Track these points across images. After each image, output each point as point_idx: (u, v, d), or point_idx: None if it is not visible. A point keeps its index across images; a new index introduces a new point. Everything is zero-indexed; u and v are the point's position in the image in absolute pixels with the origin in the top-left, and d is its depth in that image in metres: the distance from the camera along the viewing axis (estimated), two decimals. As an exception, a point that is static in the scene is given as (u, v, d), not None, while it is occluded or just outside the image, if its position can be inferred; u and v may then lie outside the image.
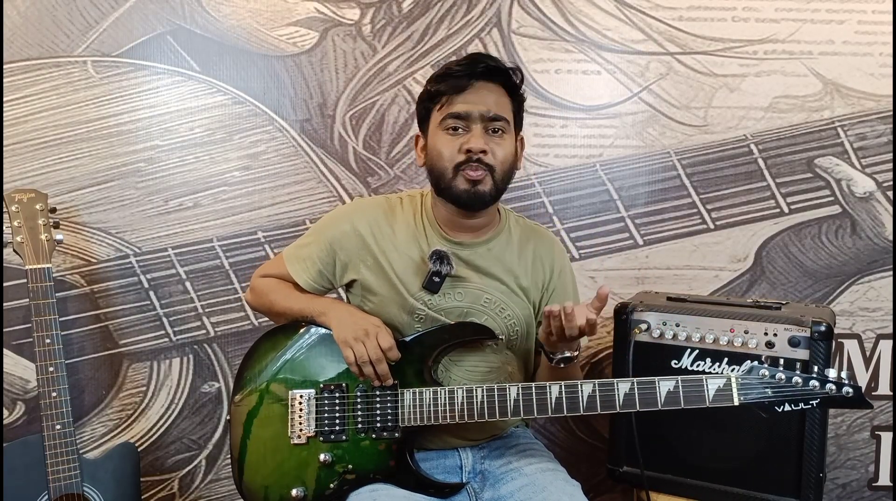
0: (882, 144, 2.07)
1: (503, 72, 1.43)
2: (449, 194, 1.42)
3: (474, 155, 1.38)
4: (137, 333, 2.10)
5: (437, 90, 1.42)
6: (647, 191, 2.10)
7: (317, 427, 1.40)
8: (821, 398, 1.25)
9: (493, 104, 1.40)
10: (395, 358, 1.37)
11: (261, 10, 2.04)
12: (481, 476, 1.49)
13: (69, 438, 1.74)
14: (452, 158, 1.40)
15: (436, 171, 1.43)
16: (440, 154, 1.41)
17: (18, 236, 1.78)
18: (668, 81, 2.07)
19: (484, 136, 1.39)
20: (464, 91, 1.40)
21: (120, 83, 2.03)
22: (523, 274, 1.51)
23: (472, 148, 1.38)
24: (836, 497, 2.17)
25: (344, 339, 1.38)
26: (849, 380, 1.25)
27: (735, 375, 1.28)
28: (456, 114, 1.40)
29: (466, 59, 1.44)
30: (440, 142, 1.42)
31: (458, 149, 1.39)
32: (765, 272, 2.12)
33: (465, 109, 1.39)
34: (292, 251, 1.55)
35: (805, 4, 2.04)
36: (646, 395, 1.30)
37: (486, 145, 1.38)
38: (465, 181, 1.39)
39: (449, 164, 1.40)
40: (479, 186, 1.39)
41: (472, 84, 1.40)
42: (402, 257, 1.46)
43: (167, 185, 2.07)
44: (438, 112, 1.42)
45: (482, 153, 1.38)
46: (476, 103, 1.39)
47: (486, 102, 1.40)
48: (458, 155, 1.39)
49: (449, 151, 1.40)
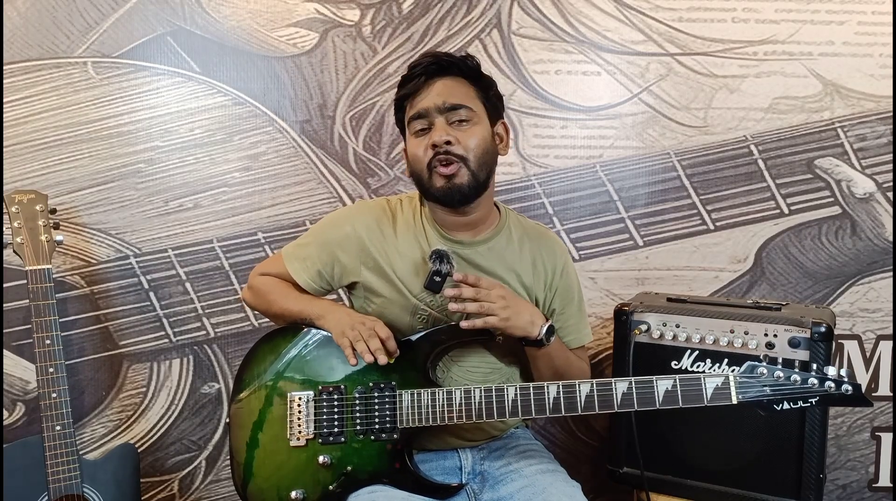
0: (882, 145, 2.07)
1: (455, 63, 1.44)
2: (430, 194, 1.43)
3: (441, 148, 1.38)
4: (137, 334, 2.10)
5: (399, 97, 1.46)
6: (647, 192, 2.10)
7: (315, 429, 1.40)
8: (820, 396, 1.24)
9: (447, 95, 1.41)
10: (392, 349, 1.37)
11: (261, 11, 2.04)
12: (481, 476, 1.49)
13: (69, 439, 1.74)
14: (423, 157, 1.41)
15: (415, 175, 1.44)
16: (414, 157, 1.43)
17: (18, 236, 1.78)
18: (668, 81, 2.07)
19: (446, 127, 1.39)
20: (421, 91, 1.42)
21: (120, 84, 2.04)
22: (525, 273, 1.51)
23: (436, 141, 1.38)
24: (837, 497, 2.17)
25: (341, 331, 1.38)
26: (848, 378, 1.24)
27: (733, 373, 1.28)
28: (416, 114, 1.41)
29: (419, 60, 1.45)
30: (411, 145, 1.44)
31: (426, 147, 1.40)
32: (765, 273, 2.12)
33: (423, 106, 1.41)
34: (292, 250, 1.55)
35: (805, 5, 2.05)
36: (644, 394, 1.30)
37: (449, 136, 1.38)
38: (440, 178, 1.39)
39: (422, 165, 1.41)
40: (455, 179, 1.39)
41: (428, 82, 1.42)
42: (403, 259, 1.46)
43: (167, 186, 2.07)
44: (407, 117, 1.45)
45: (448, 145, 1.38)
46: (432, 98, 1.40)
47: (441, 94, 1.41)
48: (427, 153, 1.40)
49: (420, 152, 1.41)
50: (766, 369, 1.26)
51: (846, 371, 1.26)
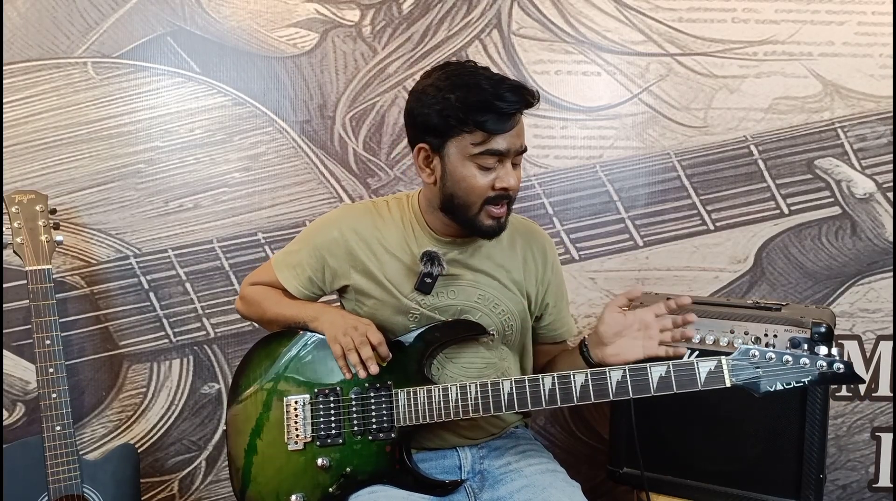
0: (882, 146, 2.07)
1: (533, 104, 1.36)
2: (471, 226, 1.39)
3: (507, 192, 1.36)
4: (137, 334, 2.10)
5: (477, 121, 1.30)
6: (647, 192, 2.10)
7: (313, 432, 1.40)
8: (812, 376, 1.25)
9: (522, 137, 1.37)
10: (385, 354, 1.37)
11: (261, 12, 2.05)
12: (480, 476, 1.49)
13: (69, 439, 1.74)
14: (483, 193, 1.35)
15: (457, 200, 1.37)
16: (470, 188, 1.35)
17: (18, 237, 1.78)
18: (668, 82, 2.07)
19: (514, 171, 1.37)
20: (508, 131, 1.32)
21: (120, 84, 2.04)
22: (515, 268, 1.51)
23: (510, 187, 1.35)
24: (837, 498, 2.17)
25: (333, 335, 1.38)
26: (839, 356, 1.25)
27: (725, 357, 1.28)
28: (494, 150, 1.33)
29: (511, 95, 1.31)
30: (470, 174, 1.35)
31: (490, 185, 1.35)
32: (765, 273, 2.12)
33: (504, 147, 1.33)
34: (281, 258, 1.54)
35: (805, 6, 2.05)
36: (638, 381, 1.29)
37: (518, 182, 1.37)
38: (490, 218, 1.38)
39: (478, 198, 1.36)
40: (503, 220, 1.39)
41: (513, 120, 1.34)
42: (392, 260, 1.46)
43: (167, 186, 2.07)
44: (472, 142, 1.32)
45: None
46: (514, 140, 1.34)
47: (521, 137, 1.37)
48: (490, 191, 1.36)
49: (482, 187, 1.35)
50: (758, 351, 1.27)
51: (837, 350, 1.27)
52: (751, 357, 1.27)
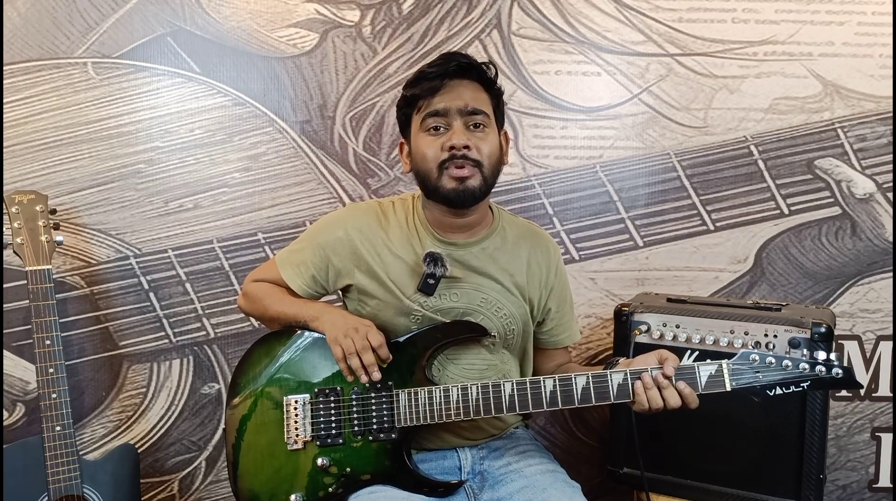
0: (882, 146, 2.07)
1: (476, 67, 1.43)
2: (437, 194, 1.41)
3: (458, 151, 1.37)
4: (137, 334, 2.10)
5: (413, 94, 1.42)
6: (647, 192, 2.10)
7: (313, 432, 1.40)
8: (811, 380, 1.26)
9: (470, 99, 1.40)
10: (385, 357, 1.36)
11: (261, 12, 2.05)
12: (480, 476, 1.49)
13: (69, 439, 1.74)
14: (436, 157, 1.39)
15: (421, 173, 1.43)
16: (424, 156, 1.41)
17: (18, 237, 1.78)
18: (668, 82, 2.07)
19: (465, 131, 1.39)
20: (439, 91, 1.40)
21: (120, 85, 2.04)
22: (518, 272, 1.51)
23: (455, 144, 1.37)
24: (837, 498, 2.17)
25: (334, 337, 1.37)
26: (838, 361, 1.27)
27: (726, 361, 1.29)
28: (434, 111, 1.39)
29: (439, 60, 1.43)
30: (423, 143, 1.41)
31: (440, 147, 1.39)
32: (765, 274, 2.12)
33: (443, 106, 1.39)
34: (285, 256, 1.55)
35: (805, 6, 2.05)
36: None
37: (468, 141, 1.38)
38: (452, 180, 1.39)
39: (433, 164, 1.40)
40: (469, 181, 1.39)
41: (446, 83, 1.40)
42: (396, 261, 1.46)
43: (167, 186, 2.07)
44: (417, 115, 1.42)
45: (466, 149, 1.38)
46: (453, 99, 1.39)
47: (463, 97, 1.40)
48: (442, 153, 1.39)
49: (432, 151, 1.40)
50: (759, 355, 1.29)
51: (836, 355, 1.29)
52: (751, 362, 1.29)
